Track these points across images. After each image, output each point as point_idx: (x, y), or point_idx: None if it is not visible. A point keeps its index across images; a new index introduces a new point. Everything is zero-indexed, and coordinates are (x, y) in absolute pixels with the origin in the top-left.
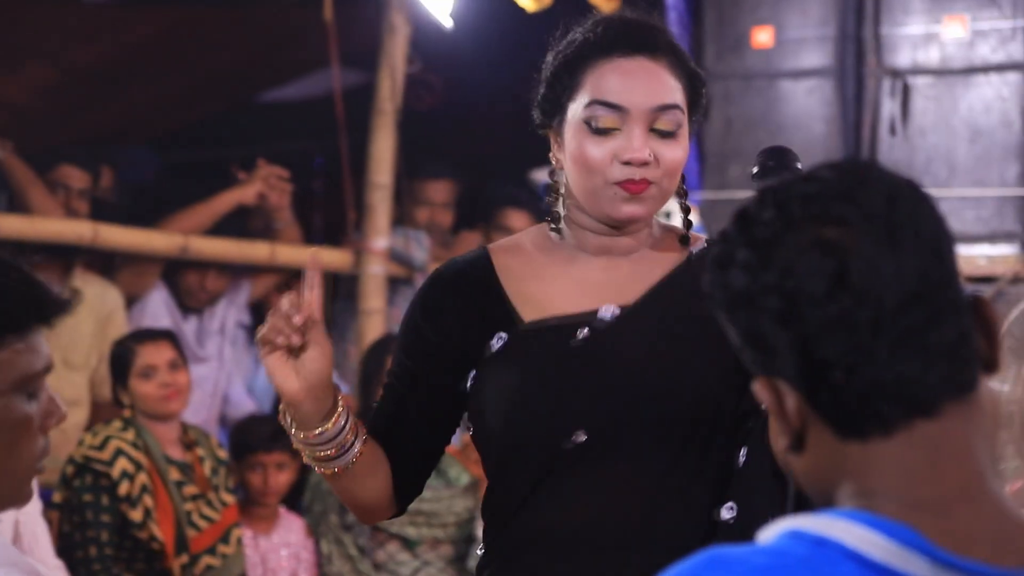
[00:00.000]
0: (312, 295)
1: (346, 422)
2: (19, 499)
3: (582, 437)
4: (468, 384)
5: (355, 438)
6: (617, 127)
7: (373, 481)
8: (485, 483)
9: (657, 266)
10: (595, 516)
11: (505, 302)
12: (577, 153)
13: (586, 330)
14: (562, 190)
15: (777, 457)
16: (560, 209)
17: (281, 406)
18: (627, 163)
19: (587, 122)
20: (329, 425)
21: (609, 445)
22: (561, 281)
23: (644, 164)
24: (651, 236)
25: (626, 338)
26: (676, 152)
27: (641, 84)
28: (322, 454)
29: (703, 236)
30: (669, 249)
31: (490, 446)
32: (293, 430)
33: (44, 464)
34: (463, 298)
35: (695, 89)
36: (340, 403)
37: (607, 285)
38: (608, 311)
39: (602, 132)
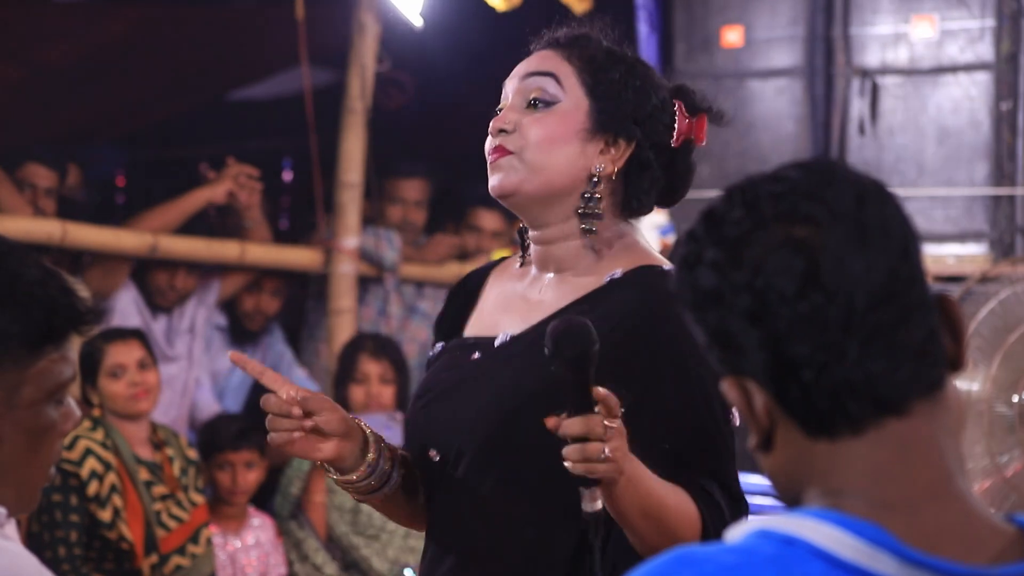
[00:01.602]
0: (276, 383)
1: (380, 454)
2: (33, 504)
3: (436, 457)
4: None
5: (392, 466)
6: (505, 106)
7: (411, 506)
8: None
9: (573, 289)
10: (442, 534)
11: (467, 314)
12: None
13: (476, 354)
14: None
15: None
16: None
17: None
18: (491, 133)
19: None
20: (368, 460)
21: (460, 468)
22: (504, 299)
23: (500, 132)
24: (594, 252)
25: (498, 367)
26: (539, 124)
27: (524, 63)
28: (366, 486)
29: (652, 260)
30: (598, 271)
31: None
32: (336, 477)
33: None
34: (453, 307)
35: (595, 75)
36: (370, 437)
37: (525, 306)
38: (503, 337)
39: (496, 113)
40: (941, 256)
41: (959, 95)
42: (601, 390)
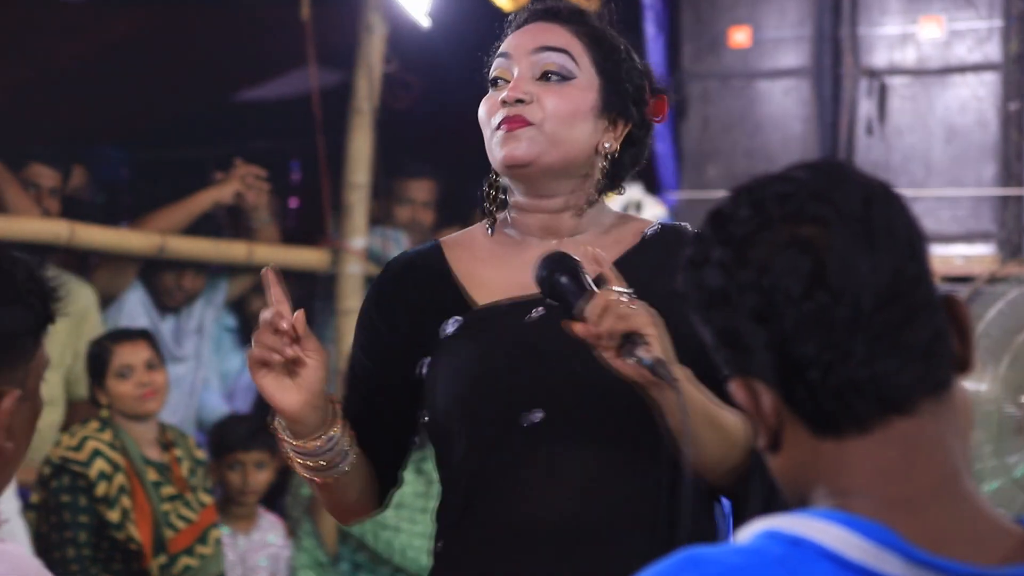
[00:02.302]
0: (284, 307)
1: (343, 430)
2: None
3: (539, 415)
4: (423, 371)
5: (350, 445)
6: (506, 77)
7: (361, 484)
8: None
9: (609, 247)
10: (555, 506)
11: (458, 288)
12: (479, 113)
13: (540, 309)
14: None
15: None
16: (494, 205)
17: (276, 420)
18: (504, 103)
19: (489, 82)
20: (331, 433)
21: (567, 425)
22: (513, 265)
23: (519, 101)
24: (599, 219)
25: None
26: (560, 97)
27: (528, 33)
28: (318, 463)
29: (654, 220)
30: (622, 232)
31: (445, 430)
32: (291, 441)
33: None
34: (414, 287)
35: (603, 54)
36: (337, 412)
37: None
38: None
39: (495, 84)
40: (949, 257)
41: (967, 95)
42: (607, 275)
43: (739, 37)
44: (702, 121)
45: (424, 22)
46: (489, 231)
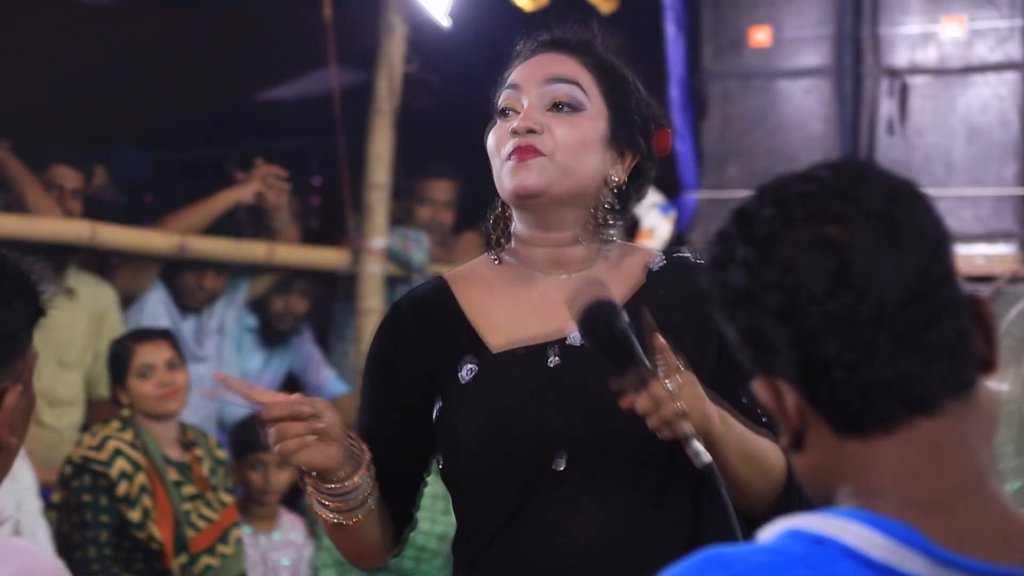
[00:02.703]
0: (278, 399)
1: (369, 468)
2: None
3: (562, 463)
4: (435, 414)
5: (372, 484)
6: (515, 108)
7: (380, 528)
8: None
9: (617, 283)
10: (580, 545)
11: (470, 329)
12: (487, 143)
13: (557, 358)
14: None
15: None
16: (503, 236)
17: (306, 477)
18: (515, 132)
19: (497, 113)
20: (358, 476)
21: (590, 469)
22: (523, 304)
23: (530, 132)
24: (604, 250)
25: (594, 366)
26: (571, 128)
27: (537, 64)
28: (348, 504)
29: (655, 249)
30: (628, 266)
31: (464, 477)
32: (328, 487)
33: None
34: (425, 324)
35: (611, 85)
36: (366, 453)
37: (560, 308)
38: (573, 336)
39: (504, 114)
40: (970, 256)
41: (988, 95)
42: (659, 346)
43: (759, 36)
44: (722, 121)
45: (444, 22)
46: (496, 262)
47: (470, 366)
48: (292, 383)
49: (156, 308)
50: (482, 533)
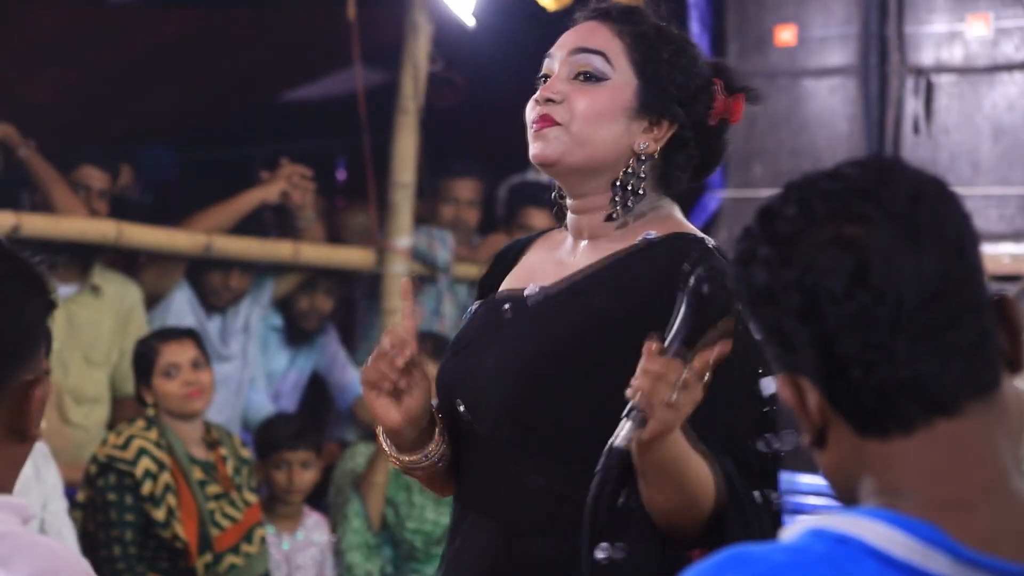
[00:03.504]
0: (410, 326)
1: (438, 449)
2: None
3: (462, 409)
4: None
5: (442, 455)
6: (550, 75)
7: (447, 475)
8: None
9: (605, 252)
10: (466, 488)
11: (503, 278)
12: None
13: (507, 307)
14: None
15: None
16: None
17: (380, 429)
18: (537, 102)
19: (539, 78)
20: (427, 450)
21: (479, 423)
22: (536, 261)
23: (549, 101)
24: (626, 221)
25: (530, 320)
26: (589, 98)
27: (573, 33)
28: (411, 467)
29: (689, 227)
30: (630, 237)
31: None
32: (389, 452)
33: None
34: (496, 269)
35: (645, 54)
36: (437, 430)
37: (558, 265)
38: (532, 290)
39: (540, 81)
40: (997, 255)
41: (1014, 93)
42: (706, 357)
43: (785, 36)
44: (748, 120)
45: (469, 21)
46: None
47: (473, 306)
48: (317, 382)
49: (182, 307)
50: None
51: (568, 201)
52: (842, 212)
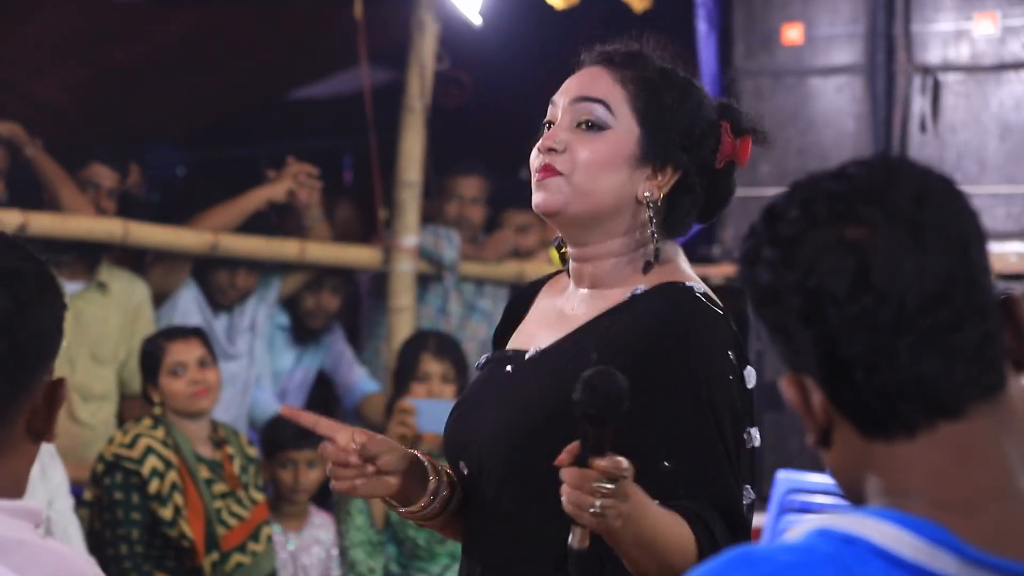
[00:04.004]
0: (332, 431)
1: (439, 479)
2: None
3: (465, 469)
4: None
5: (451, 489)
6: (553, 121)
7: (458, 522)
8: None
9: (600, 303)
10: (471, 546)
11: (512, 330)
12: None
13: (509, 367)
14: None
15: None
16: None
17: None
18: (538, 151)
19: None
20: (429, 488)
21: (484, 482)
22: (541, 312)
23: (550, 151)
24: (624, 269)
25: (526, 380)
26: (590, 148)
27: (575, 80)
28: (429, 513)
29: (688, 275)
30: (629, 287)
31: None
32: (400, 510)
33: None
34: (509, 318)
35: (647, 101)
36: (427, 465)
37: (557, 321)
38: (533, 351)
39: (544, 127)
40: (1004, 254)
41: (1021, 92)
42: (608, 461)
43: (792, 34)
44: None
45: (476, 20)
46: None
47: (482, 360)
48: (324, 381)
49: (188, 306)
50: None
51: (570, 249)
52: (845, 214)
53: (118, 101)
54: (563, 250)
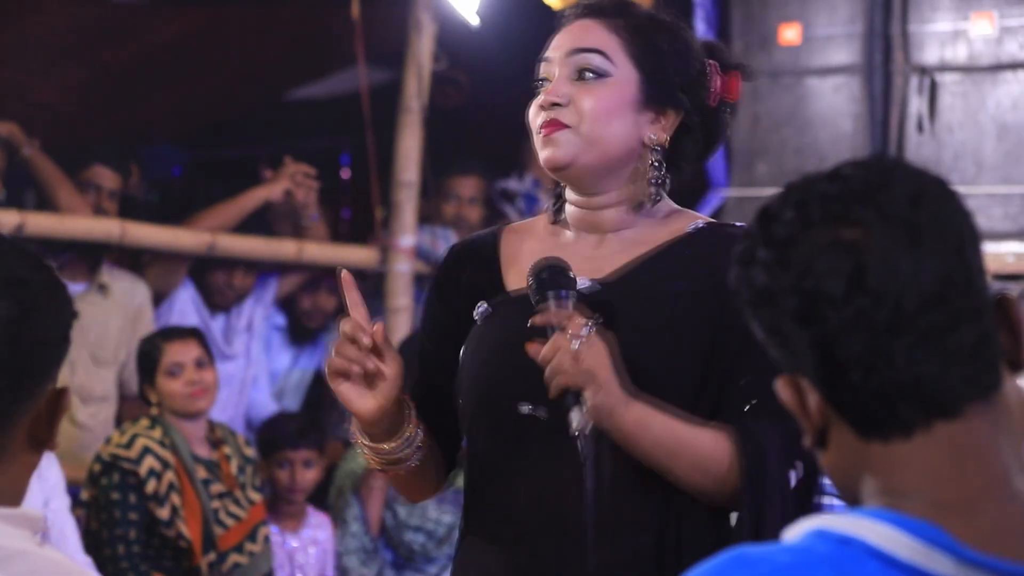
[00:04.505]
0: (361, 314)
1: (417, 429)
2: None
3: (527, 408)
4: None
5: (421, 443)
6: (549, 79)
7: (431, 471)
8: None
9: (644, 243)
10: (543, 498)
11: (497, 274)
12: (528, 115)
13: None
14: None
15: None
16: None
17: (352, 422)
18: (542, 107)
19: (536, 84)
20: (405, 435)
21: (555, 419)
22: (550, 253)
23: (554, 105)
24: (646, 213)
25: (602, 312)
26: (595, 96)
27: (566, 34)
28: (390, 460)
29: (706, 217)
30: (664, 227)
31: (464, 414)
32: (366, 443)
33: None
34: (467, 271)
35: (643, 46)
36: (411, 412)
37: (589, 259)
38: (583, 283)
39: (539, 85)
40: (1000, 254)
41: (1018, 92)
42: (560, 312)
43: (789, 34)
44: (752, 118)
45: (473, 20)
46: (553, 222)
47: (484, 307)
48: (320, 381)
49: (185, 306)
50: (469, 479)
51: (574, 198)
52: (840, 215)
53: (115, 101)
54: (560, 199)
